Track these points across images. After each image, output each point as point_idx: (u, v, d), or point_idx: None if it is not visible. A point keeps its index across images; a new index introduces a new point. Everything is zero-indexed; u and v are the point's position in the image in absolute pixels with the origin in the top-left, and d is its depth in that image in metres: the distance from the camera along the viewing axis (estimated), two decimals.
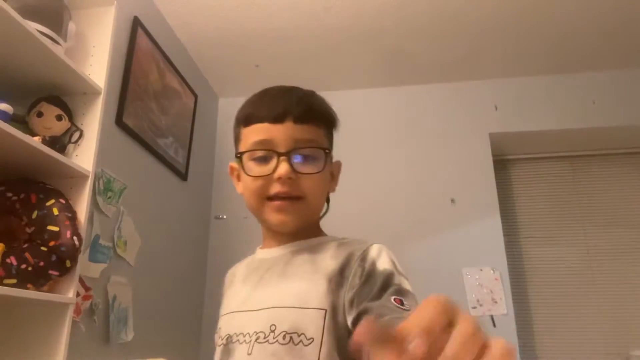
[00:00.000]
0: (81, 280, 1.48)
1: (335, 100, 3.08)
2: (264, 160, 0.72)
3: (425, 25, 2.22)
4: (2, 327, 1.18)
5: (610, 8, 2.09)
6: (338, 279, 0.67)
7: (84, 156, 1.31)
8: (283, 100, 0.75)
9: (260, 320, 0.67)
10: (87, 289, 1.52)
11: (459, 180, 2.49)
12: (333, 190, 0.82)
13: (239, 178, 0.79)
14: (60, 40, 1.28)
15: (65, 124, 1.31)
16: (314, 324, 0.64)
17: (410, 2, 2.07)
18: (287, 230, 0.75)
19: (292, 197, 0.71)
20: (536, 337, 2.45)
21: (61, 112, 1.30)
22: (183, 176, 2.31)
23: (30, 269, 1.08)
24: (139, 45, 1.92)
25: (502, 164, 2.74)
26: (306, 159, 0.72)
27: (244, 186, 0.76)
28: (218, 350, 0.73)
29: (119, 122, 1.77)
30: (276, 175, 0.70)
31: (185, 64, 2.39)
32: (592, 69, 2.55)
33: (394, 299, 0.60)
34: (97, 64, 1.40)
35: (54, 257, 1.13)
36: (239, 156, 0.74)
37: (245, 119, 0.76)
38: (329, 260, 0.70)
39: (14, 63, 1.23)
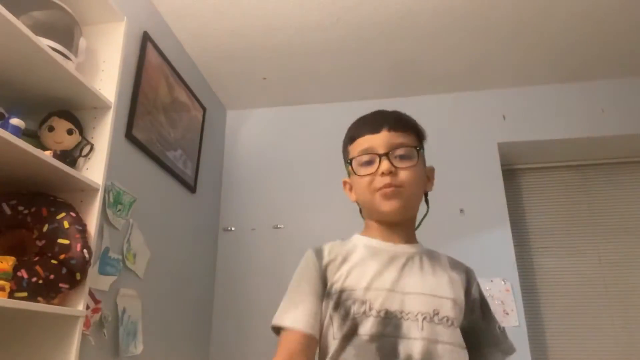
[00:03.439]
0: (91, 293, 1.49)
1: (343, 111, 3.11)
2: (368, 163, 0.91)
3: (432, 36, 2.23)
4: (13, 340, 1.19)
5: (618, 16, 2.09)
6: (465, 286, 0.92)
7: (94, 169, 1.32)
8: (377, 116, 0.96)
9: (423, 304, 0.84)
10: (96, 301, 1.52)
11: (468, 190, 2.47)
12: (430, 189, 0.99)
13: (351, 189, 0.99)
14: (72, 56, 1.30)
15: (76, 138, 1.33)
16: (459, 314, 0.87)
17: (416, 13, 2.08)
18: (396, 215, 0.90)
19: (395, 186, 0.88)
20: (549, 349, 2.41)
21: (72, 126, 1.32)
22: (192, 188, 2.32)
23: (40, 282, 1.09)
24: (148, 59, 1.94)
25: (511, 174, 2.73)
26: (402, 157, 0.90)
27: (357, 187, 0.94)
28: (371, 321, 0.82)
29: (129, 135, 1.79)
30: (380, 171, 0.89)
31: (193, 78, 2.41)
32: (600, 78, 2.54)
33: (500, 328, 0.95)
34: (107, 78, 1.42)
35: (64, 270, 1.13)
36: (349, 162, 0.95)
37: (350, 138, 0.97)
38: (451, 270, 0.93)
39: (26, 79, 1.25)
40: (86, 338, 1.45)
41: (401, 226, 0.94)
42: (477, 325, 0.91)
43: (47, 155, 1.13)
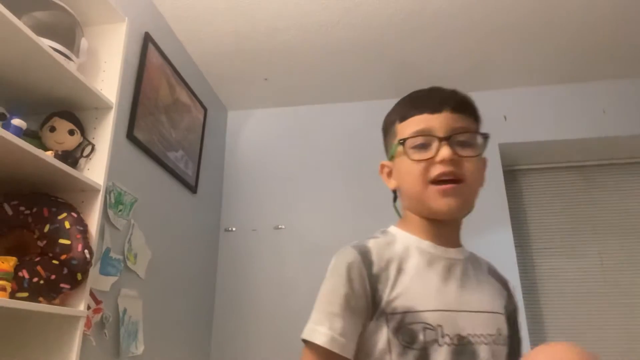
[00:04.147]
0: (92, 294, 1.49)
1: (344, 112, 3.08)
2: (423, 147, 0.77)
3: (433, 37, 2.22)
4: (13, 340, 1.19)
5: (620, 17, 2.09)
6: (507, 297, 0.84)
7: (96, 170, 1.33)
8: (438, 94, 0.82)
9: (487, 323, 0.75)
10: (97, 302, 1.52)
11: None
12: (482, 185, 0.83)
13: (389, 175, 0.85)
14: (73, 57, 1.30)
15: (77, 138, 1.33)
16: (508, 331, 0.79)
17: (417, 15, 2.08)
18: (452, 215, 0.78)
19: (455, 179, 0.75)
20: None
21: (73, 127, 1.32)
22: (193, 189, 2.32)
23: (42, 282, 1.09)
24: (149, 60, 1.95)
25: (512, 175, 2.73)
26: (464, 144, 0.77)
27: (404, 173, 0.80)
28: (445, 351, 0.70)
29: (130, 136, 1.80)
30: (439, 157, 0.75)
31: (195, 78, 2.41)
32: (601, 79, 2.54)
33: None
34: (108, 79, 1.42)
35: (65, 271, 1.14)
36: (402, 143, 0.79)
37: (402, 115, 0.83)
38: (494, 279, 0.85)
39: (28, 79, 1.25)
40: (87, 338, 1.45)
41: (451, 226, 0.82)
42: (517, 340, 0.84)
43: (48, 155, 1.13)
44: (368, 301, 0.72)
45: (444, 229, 0.80)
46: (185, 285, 2.20)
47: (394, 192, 0.86)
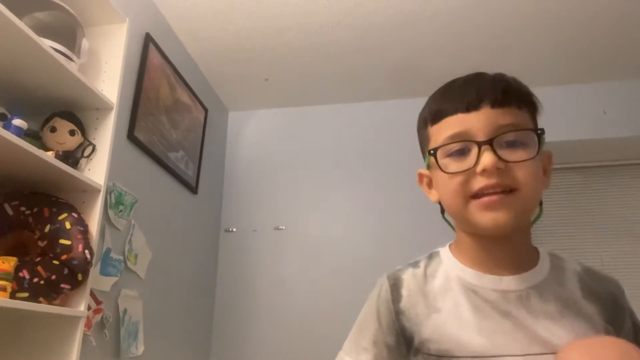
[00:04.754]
0: (92, 294, 1.49)
1: (344, 113, 3.06)
2: (461, 154, 0.63)
3: (432, 38, 2.22)
4: (14, 340, 1.19)
5: (621, 18, 2.09)
6: (607, 319, 0.65)
7: (96, 170, 1.33)
8: (474, 86, 0.66)
9: None
10: (98, 302, 1.52)
11: None
12: (547, 187, 0.67)
13: (430, 185, 0.73)
14: (74, 57, 1.30)
15: (78, 138, 1.33)
16: None
17: (416, 15, 2.08)
18: (502, 232, 0.62)
19: (503, 190, 0.60)
20: None
21: (74, 127, 1.32)
22: (193, 189, 2.32)
23: (42, 282, 1.09)
24: (150, 60, 1.95)
25: None
26: (513, 145, 0.61)
27: (441, 187, 0.67)
28: None
29: (131, 136, 1.80)
30: (480, 167, 0.60)
31: (195, 79, 2.41)
32: (602, 80, 2.53)
33: None
34: (109, 79, 1.42)
35: (65, 271, 1.14)
36: (432, 153, 0.65)
37: (433, 116, 0.68)
38: (585, 299, 0.66)
39: (29, 80, 1.25)
40: (87, 339, 1.45)
41: (510, 240, 0.66)
42: None
43: (49, 156, 1.14)
44: (398, 336, 0.67)
45: (497, 248, 0.66)
46: (185, 286, 2.20)
47: (440, 203, 0.73)
